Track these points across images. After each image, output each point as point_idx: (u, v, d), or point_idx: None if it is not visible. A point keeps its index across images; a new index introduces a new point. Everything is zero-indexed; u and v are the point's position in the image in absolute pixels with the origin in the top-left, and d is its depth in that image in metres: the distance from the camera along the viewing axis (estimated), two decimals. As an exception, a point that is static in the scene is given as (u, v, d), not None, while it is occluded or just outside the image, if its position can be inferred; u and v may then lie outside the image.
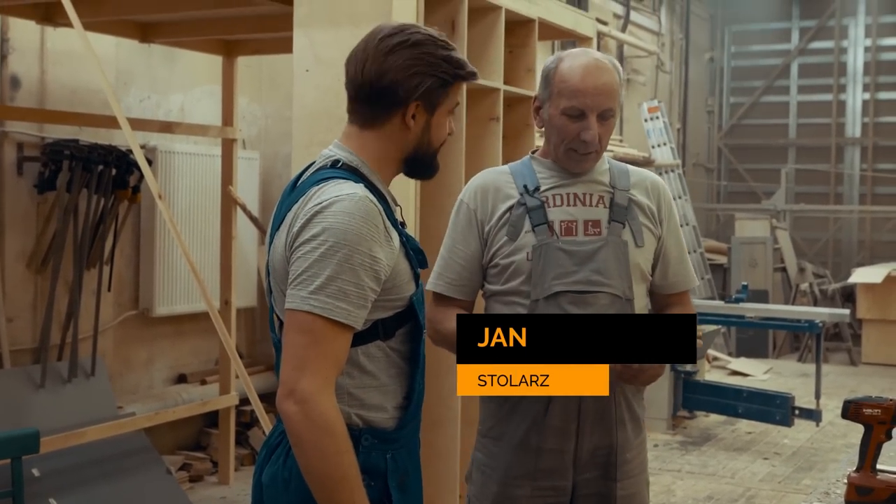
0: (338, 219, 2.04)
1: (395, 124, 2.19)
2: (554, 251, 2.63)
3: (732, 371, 10.80)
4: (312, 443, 2.01)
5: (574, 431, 2.64)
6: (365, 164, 2.20)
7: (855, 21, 15.19)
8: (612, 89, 2.64)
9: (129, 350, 6.24)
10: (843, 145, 15.33)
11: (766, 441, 7.85)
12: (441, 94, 2.20)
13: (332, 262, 2.03)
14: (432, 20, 3.93)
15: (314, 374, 2.02)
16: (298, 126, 4.01)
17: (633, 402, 2.73)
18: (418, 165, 2.28)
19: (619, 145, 11.29)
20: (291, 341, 2.06)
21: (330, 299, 2.02)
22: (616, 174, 2.74)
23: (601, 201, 2.69)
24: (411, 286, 2.21)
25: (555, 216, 2.66)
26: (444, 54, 2.18)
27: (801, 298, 12.51)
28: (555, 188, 2.70)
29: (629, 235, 2.67)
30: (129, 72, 6.14)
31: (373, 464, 2.17)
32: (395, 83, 2.15)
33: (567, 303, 2.61)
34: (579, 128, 2.61)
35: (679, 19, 14.44)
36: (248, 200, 6.25)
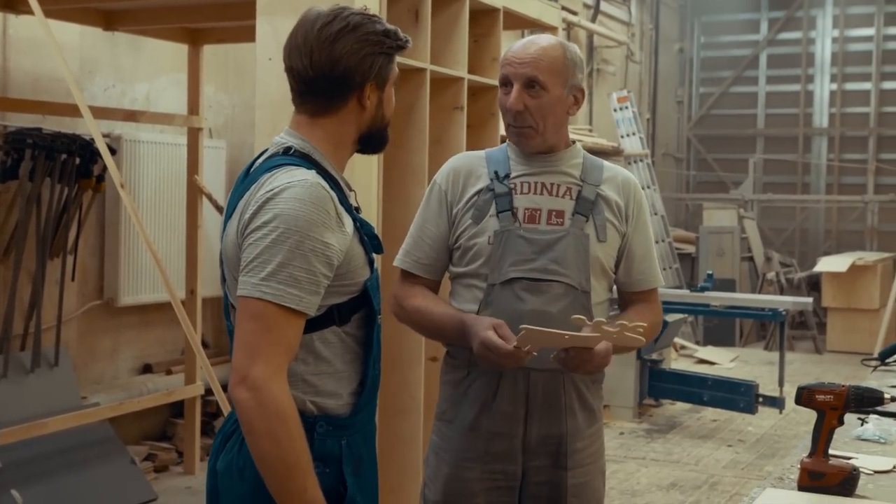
0: (289, 205, 2.04)
1: (351, 108, 2.20)
2: (514, 237, 2.65)
3: (699, 359, 10.88)
4: (264, 430, 2.00)
5: (522, 417, 2.66)
6: (317, 150, 2.19)
7: (823, 12, 15.29)
8: (537, 59, 2.63)
9: (93, 340, 6.21)
10: (811, 135, 15.44)
11: (730, 428, 7.92)
12: (387, 68, 2.22)
13: (284, 248, 2.03)
14: (395, 9, 3.94)
15: (266, 361, 2.01)
16: (262, 114, 4.00)
17: (586, 391, 2.74)
18: (373, 141, 2.30)
19: (589, 135, 11.33)
20: (243, 328, 2.06)
21: (281, 286, 2.02)
22: (588, 168, 2.75)
23: (568, 193, 2.70)
24: (366, 271, 2.21)
25: (520, 203, 2.68)
26: (382, 29, 2.20)
27: (768, 287, 12.61)
28: (524, 176, 2.72)
29: (592, 229, 2.68)
30: (94, 60, 6.10)
31: (328, 450, 2.17)
32: (349, 69, 2.15)
33: (521, 289, 2.63)
34: (508, 98, 2.66)
35: (649, 9, 14.48)
36: (214, 189, 6.23)
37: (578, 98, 2.75)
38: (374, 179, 3.82)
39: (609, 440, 7.40)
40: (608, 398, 8.02)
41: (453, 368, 2.76)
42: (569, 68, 2.68)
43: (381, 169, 3.89)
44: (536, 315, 2.60)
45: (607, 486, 3.08)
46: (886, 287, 11.62)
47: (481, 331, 2.51)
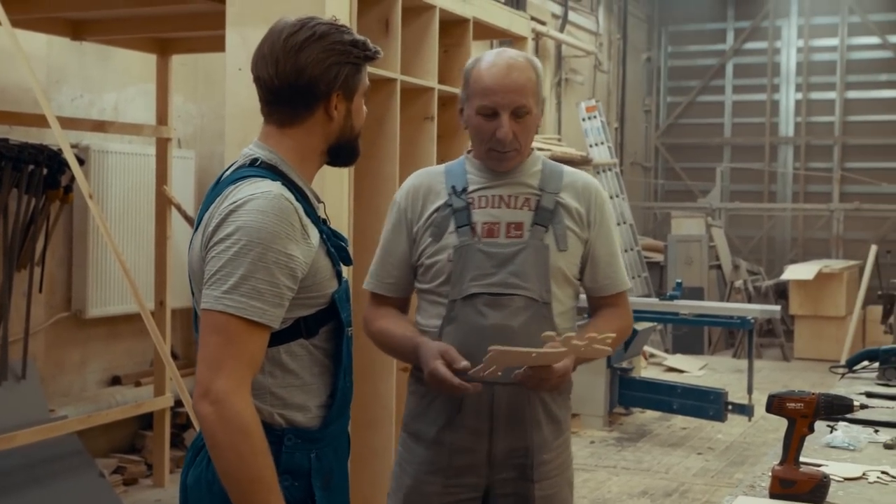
0: (251, 217, 2.04)
1: (318, 118, 2.20)
2: (474, 252, 2.65)
3: (668, 367, 10.92)
4: (228, 444, 1.99)
5: (487, 431, 2.66)
6: (284, 161, 2.19)
7: (788, 22, 15.43)
8: (523, 86, 2.64)
9: (61, 352, 6.15)
10: (777, 144, 15.57)
11: (700, 436, 7.96)
12: (356, 79, 2.21)
13: (246, 260, 2.02)
14: (366, 19, 3.94)
15: (229, 374, 2.00)
16: (231, 125, 3.99)
17: (552, 403, 2.74)
18: (343, 152, 2.29)
19: (558, 144, 11.37)
20: (206, 341, 2.04)
21: (244, 298, 2.01)
22: (548, 176, 2.75)
23: (526, 203, 2.69)
24: (333, 283, 2.21)
25: (478, 218, 2.68)
26: (349, 39, 2.19)
27: (736, 295, 12.68)
28: (481, 189, 2.71)
29: (551, 239, 2.67)
30: (62, 70, 6.06)
31: (296, 463, 2.16)
32: (314, 79, 2.15)
33: (482, 304, 2.63)
34: (494, 126, 2.63)
35: (616, 19, 14.57)
36: (183, 200, 6.20)
37: (542, 109, 2.78)
38: (346, 189, 3.82)
39: (579, 449, 7.42)
40: (578, 407, 8.04)
41: (418, 381, 2.74)
42: (540, 85, 2.72)
43: (351, 179, 3.89)
44: (498, 329, 2.61)
45: (578, 494, 3.10)
46: (852, 295, 11.74)
47: (430, 361, 2.53)
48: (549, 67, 12.39)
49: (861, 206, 14.34)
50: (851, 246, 14.46)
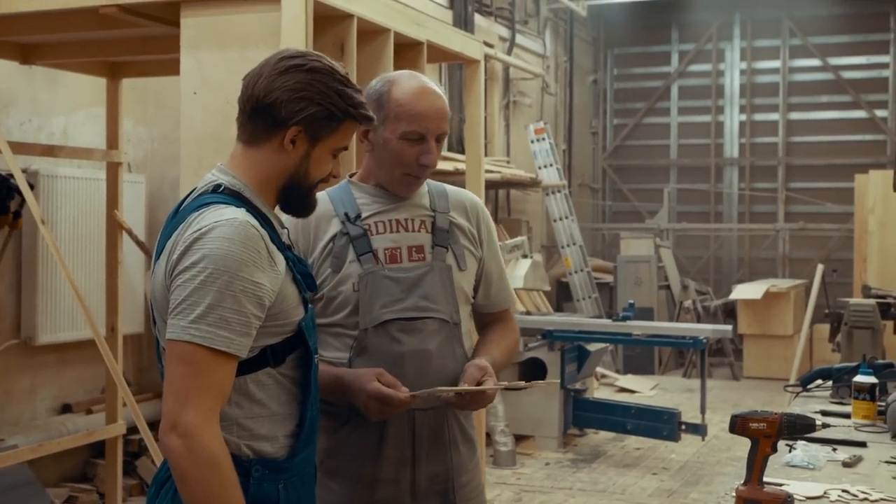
0: (217, 245, 2.01)
1: (274, 145, 2.16)
2: (380, 279, 2.59)
3: (620, 388, 10.99)
4: (197, 478, 1.97)
5: (410, 459, 2.61)
6: (248, 187, 2.17)
7: (731, 45, 15.65)
8: (446, 113, 2.65)
9: (10, 380, 6.04)
10: (722, 165, 15.76)
11: (654, 456, 8.00)
12: (326, 126, 2.16)
13: (213, 289, 2.00)
14: (321, 42, 3.93)
15: (196, 406, 1.98)
16: (186, 149, 3.97)
17: (465, 423, 2.73)
18: (292, 198, 2.23)
19: (507, 166, 11.42)
20: (172, 373, 2.01)
21: (211, 328, 1.99)
22: (435, 196, 2.74)
23: (423, 226, 2.68)
24: (299, 311, 2.19)
25: (379, 244, 2.62)
26: (338, 88, 2.15)
27: (685, 315, 12.80)
28: (376, 215, 2.66)
29: (452, 259, 2.68)
30: (10, 94, 5.97)
31: (264, 494, 2.13)
32: (278, 102, 2.13)
33: (396, 330, 2.58)
34: (418, 152, 2.60)
35: (563, 42, 14.69)
36: (134, 225, 6.12)
37: None
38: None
39: (535, 470, 7.43)
40: (533, 429, 8.06)
41: (329, 416, 2.61)
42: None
43: (309, 203, 3.86)
44: (415, 354, 2.58)
45: None
46: (800, 313, 11.89)
47: (367, 384, 2.44)
48: (498, 90, 12.45)
49: (806, 225, 14.55)
50: (797, 265, 14.67)
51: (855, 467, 3.01)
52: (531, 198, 13.14)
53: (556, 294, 13.05)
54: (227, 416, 2.09)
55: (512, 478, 7.29)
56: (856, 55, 14.95)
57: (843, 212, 14.05)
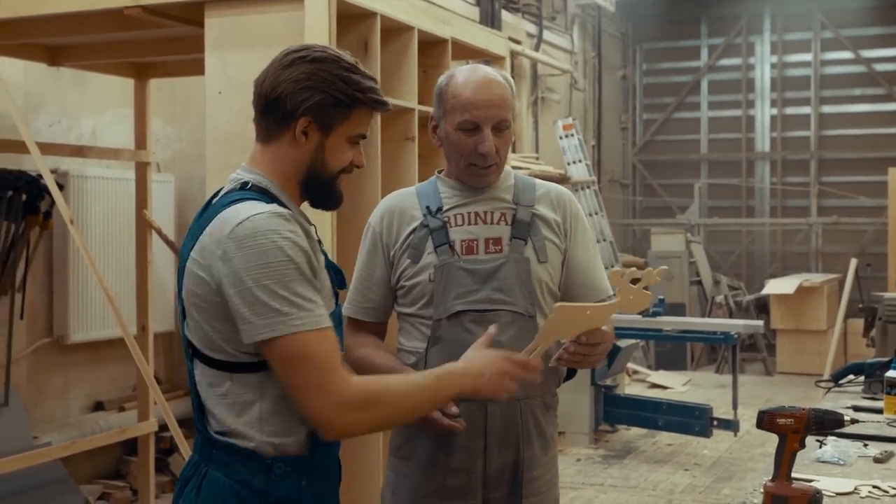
0: (273, 238, 2.02)
1: (287, 139, 2.16)
2: (455, 270, 2.63)
3: (652, 384, 10.93)
4: (383, 420, 2.15)
5: (482, 450, 2.65)
6: (274, 183, 2.18)
7: (761, 38, 15.53)
8: (504, 101, 2.64)
9: (43, 378, 6.10)
10: (754, 160, 15.65)
11: (686, 452, 7.96)
12: (335, 113, 2.16)
13: (293, 279, 2.02)
14: (345, 40, 3.94)
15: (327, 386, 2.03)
16: (212, 148, 3.98)
17: (542, 419, 2.74)
18: (315, 191, 2.23)
19: (536, 163, 11.39)
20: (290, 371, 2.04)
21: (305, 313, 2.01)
22: (521, 189, 2.74)
23: (503, 218, 2.69)
24: (332, 303, 2.20)
25: (456, 235, 2.66)
26: (343, 74, 2.15)
27: (717, 311, 12.72)
28: (456, 207, 2.70)
29: (531, 251, 2.67)
30: (39, 96, 6.03)
31: (287, 491, 2.13)
32: (284, 95, 2.14)
33: (469, 321, 2.61)
34: (475, 141, 2.63)
35: (591, 38, 14.63)
36: (163, 224, 6.16)
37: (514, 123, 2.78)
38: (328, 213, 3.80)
39: (566, 467, 7.41)
40: (564, 425, 8.03)
41: None
42: (514, 100, 2.73)
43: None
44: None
45: None
46: (833, 308, 11.79)
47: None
48: (525, 86, 12.42)
49: (839, 219, 14.41)
50: (830, 259, 14.54)
51: (886, 463, 2.98)
52: (561, 194, 13.09)
53: (587, 290, 12.98)
54: (251, 414, 2.10)
55: (542, 474, 7.27)
56: (889, 47, 14.78)
57: (876, 205, 13.91)
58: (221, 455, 2.13)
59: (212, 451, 2.15)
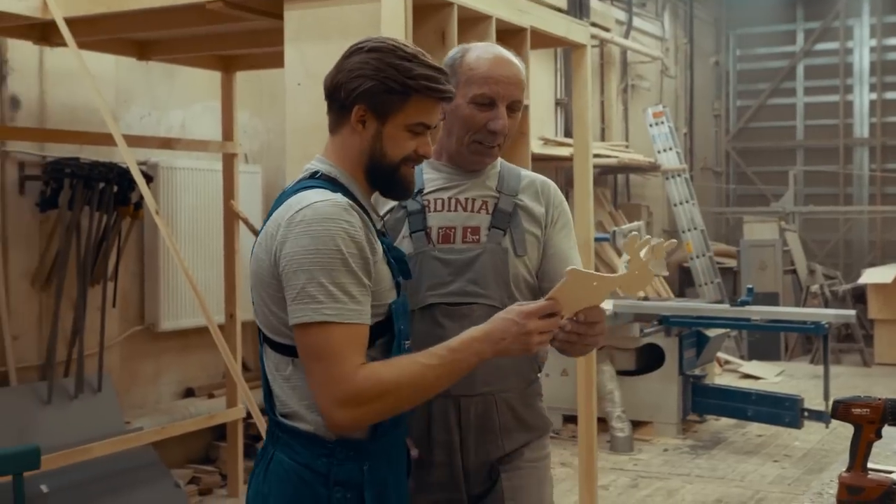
0: (325, 227, 2.05)
1: (348, 129, 2.20)
2: (429, 260, 2.50)
3: (744, 374, 10.78)
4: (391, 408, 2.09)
5: (458, 445, 2.53)
6: (344, 173, 2.22)
7: (859, 21, 15.16)
8: (520, 81, 2.56)
9: (135, 365, 6.27)
10: (852, 146, 15.29)
11: (776, 444, 7.83)
12: (389, 102, 2.16)
13: (331, 269, 2.04)
14: (422, 31, 3.95)
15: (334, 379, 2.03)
16: (292, 139, 4.03)
17: (522, 409, 2.60)
18: (380, 180, 2.24)
19: (625, 151, 11.30)
20: (305, 360, 2.07)
21: (338, 304, 2.04)
22: (506, 178, 2.62)
23: (484, 207, 2.56)
24: (392, 294, 2.22)
25: (433, 222, 2.53)
26: (396, 62, 2.15)
27: (812, 300, 12.46)
28: (438, 191, 2.57)
29: (509, 243, 2.53)
30: (129, 89, 6.18)
31: (348, 475, 2.16)
32: (339, 84, 2.19)
33: (441, 315, 2.48)
34: (488, 117, 2.51)
35: (682, 24, 14.45)
36: (250, 214, 6.27)
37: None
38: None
39: (652, 456, 7.36)
40: (651, 415, 7.97)
41: None
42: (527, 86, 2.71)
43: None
44: None
45: (652, 503, 3.00)
46: (933, 297, 11.47)
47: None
48: (615, 74, 12.33)
49: (940, 206, 14.02)
50: (931, 247, 14.16)
51: (969, 455, 2.91)
52: (651, 182, 12.98)
53: (679, 279, 12.87)
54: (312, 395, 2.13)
55: (629, 463, 7.23)
56: None
57: (980, 191, 13.51)
58: (286, 438, 2.17)
59: (278, 434, 2.19)
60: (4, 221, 5.42)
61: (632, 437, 7.64)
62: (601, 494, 6.26)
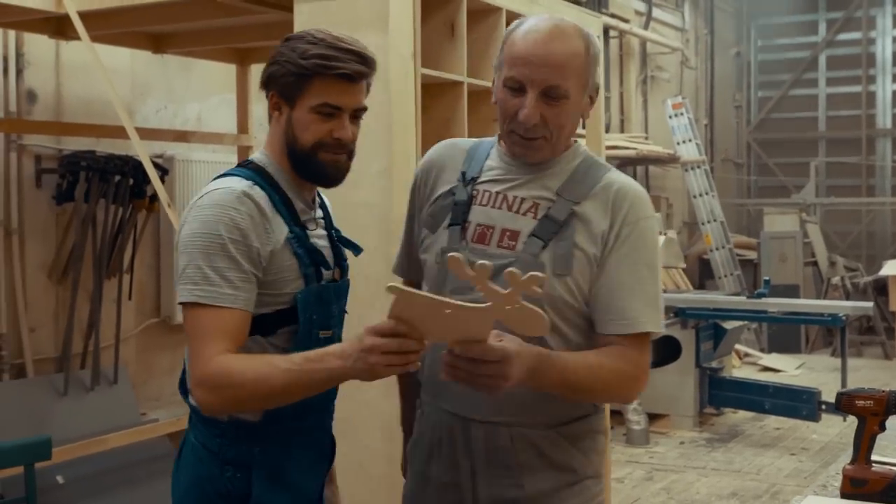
0: (213, 211, 2.09)
1: (273, 117, 2.25)
2: None
3: (763, 367, 10.74)
4: (238, 396, 2.04)
5: (468, 469, 2.18)
6: (272, 162, 2.24)
7: (882, 11, 15.05)
8: (563, 62, 2.09)
9: (151, 357, 6.30)
10: (874, 137, 15.19)
11: (794, 437, 7.80)
12: (291, 84, 2.17)
13: (209, 252, 2.07)
14: (431, 23, 3.96)
15: (201, 354, 2.04)
16: (302, 132, 4.04)
17: (551, 447, 2.19)
18: (299, 166, 2.22)
19: (644, 143, 11.27)
20: (187, 335, 2.11)
21: (212, 287, 2.05)
22: (576, 178, 2.18)
23: (533, 210, 2.15)
24: (298, 283, 2.20)
25: (474, 217, 2.19)
26: (298, 46, 2.17)
27: (833, 292, 12.38)
28: (490, 182, 2.21)
29: (548, 258, 2.11)
30: (145, 83, 6.21)
31: (237, 455, 2.20)
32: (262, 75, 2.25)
33: None
34: (518, 105, 2.11)
35: (703, 14, 14.37)
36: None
37: (594, 98, 2.21)
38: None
39: (668, 449, 7.35)
40: (668, 407, 7.96)
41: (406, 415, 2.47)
42: (591, 67, 2.15)
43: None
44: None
45: (666, 496, 2.88)
46: (955, 289, 11.37)
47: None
48: (634, 65, 12.29)
49: (964, 198, 13.92)
50: (954, 239, 14.05)
51: (975, 447, 2.89)
52: (671, 174, 12.93)
53: (699, 271, 12.83)
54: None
55: (644, 456, 7.22)
56: None
57: None
58: (193, 418, 2.25)
59: (190, 414, 2.27)
60: (21, 214, 5.47)
61: (648, 429, 7.63)
62: (616, 487, 6.26)
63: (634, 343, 2.13)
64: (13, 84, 5.41)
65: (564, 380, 2.05)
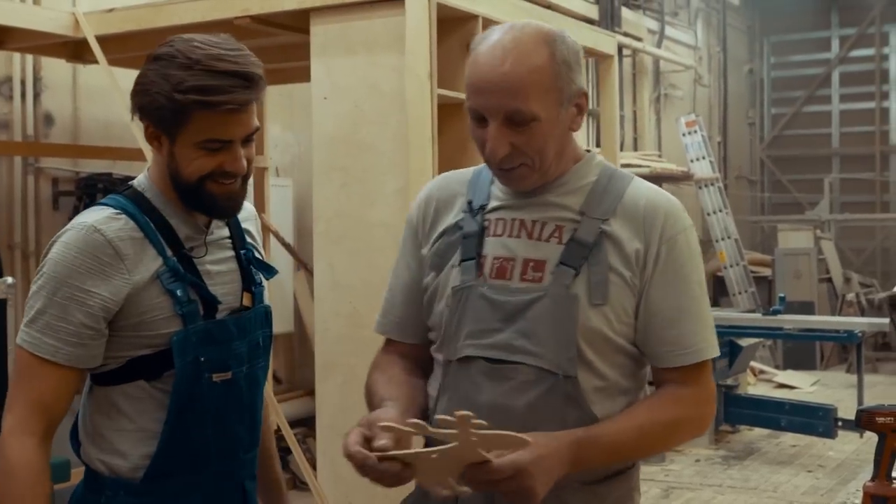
0: (57, 250, 1.93)
1: (152, 146, 1.98)
2: (475, 298, 1.89)
3: (779, 384, 10.69)
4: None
5: None
6: (153, 188, 2.01)
7: (895, 28, 15.06)
8: (520, 84, 1.80)
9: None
10: (888, 153, 15.17)
11: (810, 454, 7.77)
12: (168, 118, 1.89)
13: (43, 295, 1.92)
14: (447, 44, 3.99)
15: (13, 413, 1.90)
16: (318, 152, 4.09)
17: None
18: (187, 198, 1.98)
19: (658, 160, 11.28)
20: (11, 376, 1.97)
21: (38, 333, 1.91)
22: (599, 193, 1.91)
23: (557, 234, 1.89)
24: (171, 323, 1.96)
25: (490, 249, 1.91)
26: (171, 73, 1.87)
27: (848, 308, 12.35)
28: (502, 209, 1.94)
29: (582, 287, 1.84)
30: (162, 105, 6.24)
31: None
32: (132, 98, 1.97)
33: (479, 372, 1.88)
34: (484, 136, 1.85)
35: (716, 32, 14.40)
36: (282, 227, 6.32)
37: (582, 105, 1.92)
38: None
39: (684, 467, 7.32)
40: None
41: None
42: (562, 76, 1.85)
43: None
44: (495, 411, 1.81)
45: None
46: (971, 305, 11.34)
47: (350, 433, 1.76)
48: (648, 83, 12.31)
49: (978, 214, 13.89)
50: (969, 255, 14.01)
51: None
52: (684, 191, 12.91)
53: (713, 289, 12.80)
54: (94, 425, 2.02)
55: (660, 474, 7.20)
56: None
57: None
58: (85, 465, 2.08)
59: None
60: (39, 236, 5.50)
61: (664, 447, 7.60)
62: (632, 505, 6.24)
63: (695, 373, 1.92)
64: (31, 107, 5.46)
65: (616, 453, 1.85)
